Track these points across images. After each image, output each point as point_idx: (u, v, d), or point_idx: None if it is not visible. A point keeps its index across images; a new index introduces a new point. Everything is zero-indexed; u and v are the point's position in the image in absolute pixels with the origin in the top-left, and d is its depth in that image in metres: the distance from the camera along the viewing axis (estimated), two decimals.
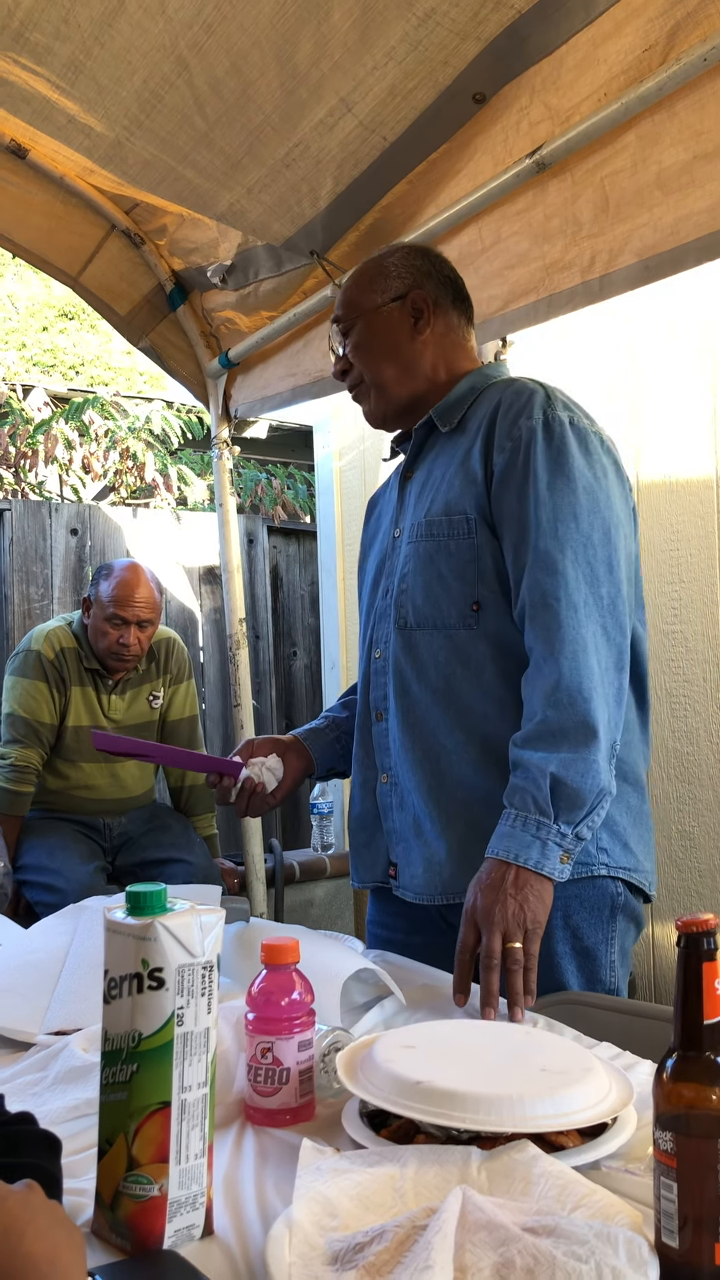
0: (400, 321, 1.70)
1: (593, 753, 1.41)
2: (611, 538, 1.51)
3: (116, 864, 3.22)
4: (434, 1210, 0.80)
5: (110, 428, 5.86)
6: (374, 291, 1.71)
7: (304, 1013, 1.12)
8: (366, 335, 1.71)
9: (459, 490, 1.60)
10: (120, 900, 0.93)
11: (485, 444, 1.58)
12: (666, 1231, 0.78)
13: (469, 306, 1.77)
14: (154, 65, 1.92)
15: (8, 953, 1.58)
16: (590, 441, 1.56)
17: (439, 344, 1.72)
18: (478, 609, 1.57)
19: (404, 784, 1.65)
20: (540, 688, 1.45)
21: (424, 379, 1.71)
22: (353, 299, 1.74)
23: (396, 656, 1.66)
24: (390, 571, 1.72)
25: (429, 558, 1.62)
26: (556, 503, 1.50)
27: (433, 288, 1.71)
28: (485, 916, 1.38)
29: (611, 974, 1.57)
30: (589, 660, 1.44)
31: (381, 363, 1.71)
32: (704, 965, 0.80)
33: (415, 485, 1.72)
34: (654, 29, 1.61)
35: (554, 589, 1.47)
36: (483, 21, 1.72)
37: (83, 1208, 0.90)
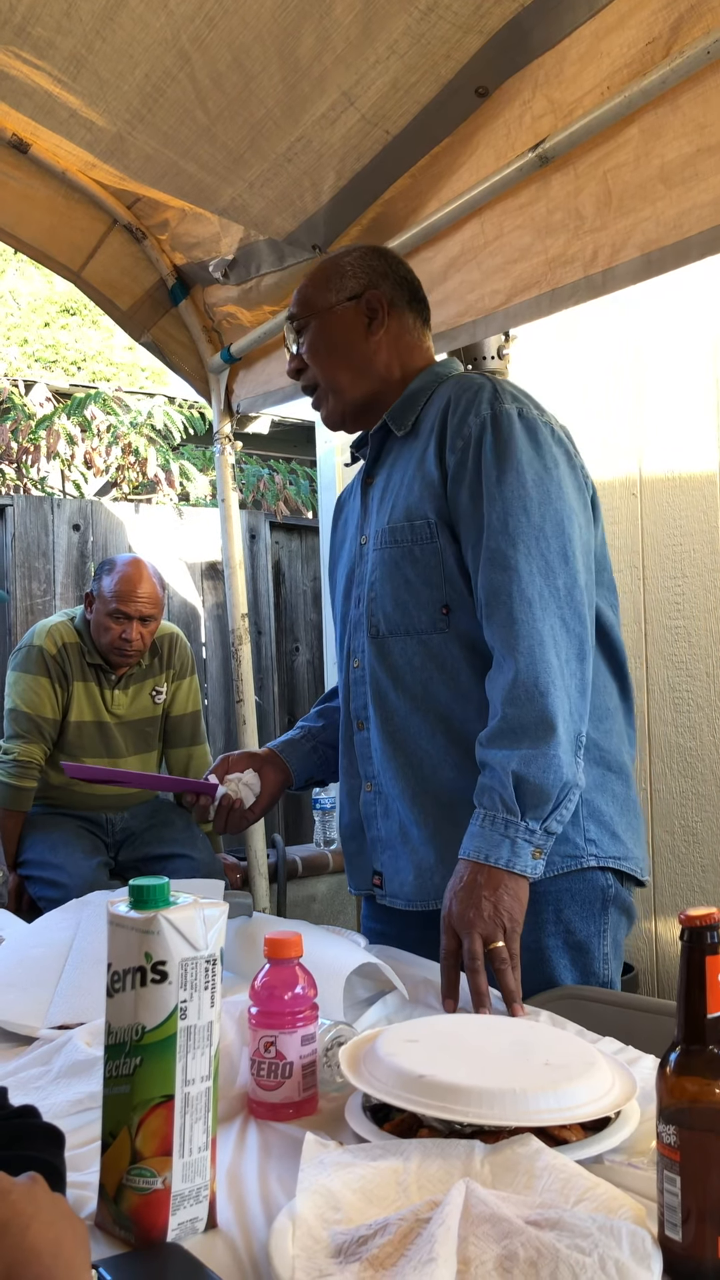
0: (354, 321, 1.70)
1: (553, 747, 1.40)
2: (565, 528, 1.50)
3: (119, 859, 3.23)
4: (437, 1203, 0.81)
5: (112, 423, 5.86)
6: (329, 290, 1.71)
7: (307, 1007, 1.12)
8: (321, 335, 1.71)
9: (418, 494, 1.60)
10: (123, 894, 0.93)
11: (438, 445, 1.59)
12: (670, 1225, 0.78)
13: (425, 308, 1.77)
14: (156, 59, 1.91)
15: (11, 948, 1.58)
16: (539, 432, 1.56)
17: (393, 344, 1.71)
18: (447, 612, 1.57)
19: (388, 792, 1.64)
20: (499, 685, 1.45)
21: (378, 379, 1.71)
22: (308, 297, 1.73)
23: (372, 665, 1.66)
24: (360, 579, 1.71)
25: (395, 564, 1.62)
26: (506, 497, 1.49)
27: (388, 288, 1.71)
28: (462, 920, 1.38)
29: (605, 967, 1.57)
30: (546, 654, 1.43)
31: (335, 363, 1.71)
32: (707, 959, 0.80)
33: (377, 490, 1.72)
34: (657, 22, 1.61)
35: (507, 585, 1.46)
36: (485, 15, 1.71)
37: (86, 1201, 0.90)
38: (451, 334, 2.21)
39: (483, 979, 1.34)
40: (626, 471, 3.15)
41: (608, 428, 3.21)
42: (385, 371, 1.71)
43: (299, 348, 1.74)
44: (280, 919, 1.72)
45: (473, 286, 2.13)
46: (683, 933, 0.82)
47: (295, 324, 1.74)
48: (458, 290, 2.16)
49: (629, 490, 3.14)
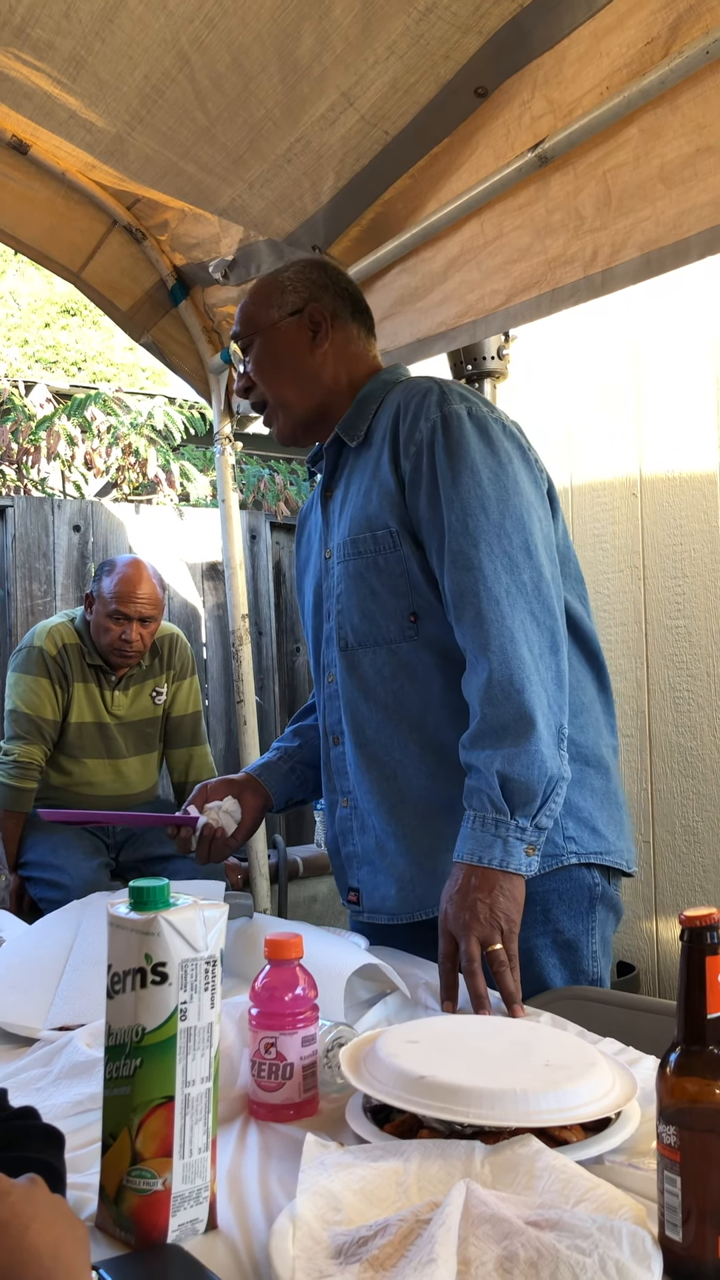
0: (298, 336, 1.69)
1: (534, 743, 1.40)
2: (525, 523, 1.50)
3: (120, 860, 3.23)
4: (437, 1204, 0.81)
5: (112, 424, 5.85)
6: (271, 307, 1.71)
7: (307, 1008, 1.12)
8: (266, 352, 1.71)
9: (377, 504, 1.60)
10: (124, 895, 0.93)
11: (392, 452, 1.59)
12: (670, 1225, 0.78)
13: (369, 318, 1.77)
14: (155, 60, 1.92)
15: (11, 949, 1.58)
16: (490, 429, 1.56)
17: (339, 356, 1.71)
18: (415, 620, 1.58)
19: (363, 806, 1.64)
20: (475, 686, 1.45)
21: (326, 391, 1.71)
22: (250, 316, 1.73)
23: (344, 678, 1.66)
24: (328, 593, 1.71)
25: (360, 575, 1.62)
26: (464, 498, 1.50)
27: (330, 300, 1.71)
28: (458, 923, 1.38)
29: (594, 965, 1.57)
30: (519, 650, 1.43)
31: (282, 379, 1.71)
32: (707, 959, 0.80)
33: (336, 503, 1.72)
34: (656, 22, 1.61)
35: (473, 585, 1.47)
36: (484, 15, 1.71)
37: (87, 1202, 0.90)
38: (452, 334, 2.21)
39: (480, 981, 1.34)
40: (627, 471, 3.15)
41: (608, 427, 3.21)
42: (333, 383, 1.71)
43: (245, 367, 1.73)
44: (281, 920, 1.72)
45: (472, 286, 2.13)
46: (683, 933, 0.82)
47: (240, 343, 1.74)
48: (458, 290, 2.16)
49: (629, 490, 3.14)
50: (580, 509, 3.28)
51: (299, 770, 1.87)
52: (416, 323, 2.31)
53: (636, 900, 3.10)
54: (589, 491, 3.27)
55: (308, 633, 1.82)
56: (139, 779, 3.31)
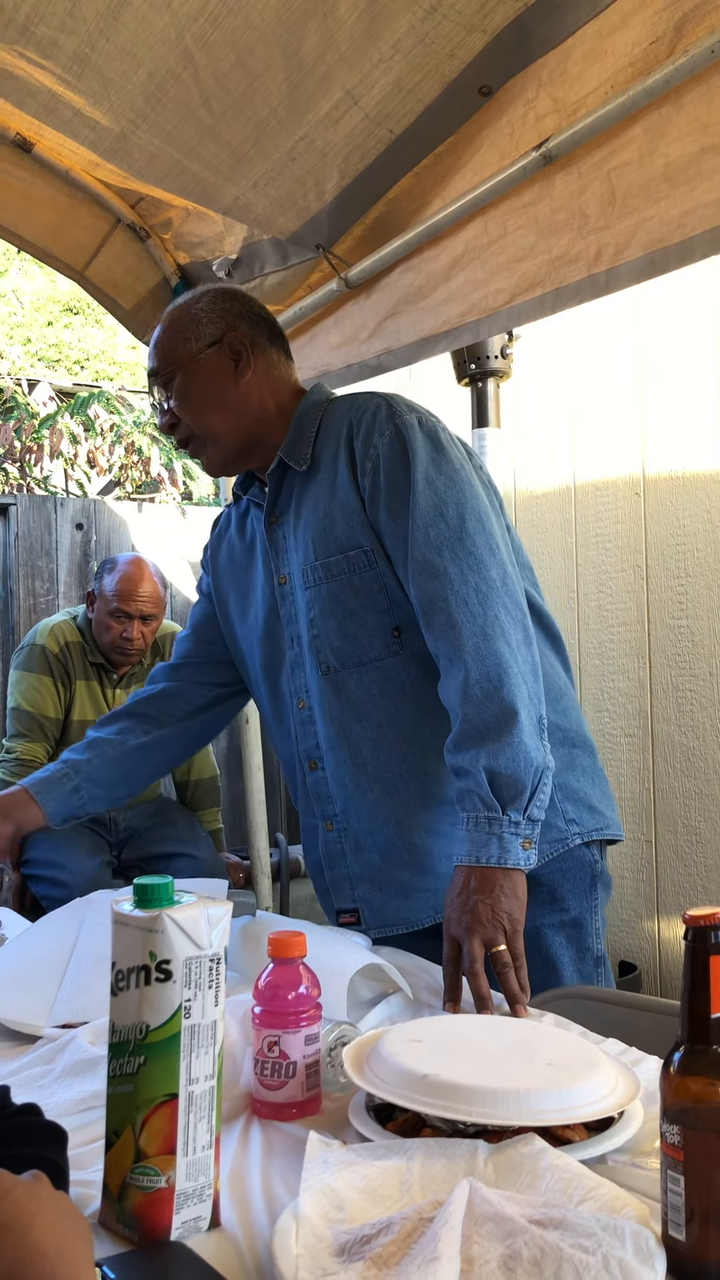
0: (220, 366, 1.68)
1: (517, 735, 1.41)
2: (484, 523, 1.52)
3: (122, 858, 3.23)
4: (441, 1203, 0.81)
5: (115, 422, 5.86)
6: (188, 340, 1.69)
7: (310, 1006, 1.12)
8: (189, 385, 1.68)
9: (344, 525, 1.60)
10: (127, 893, 0.93)
11: (350, 471, 1.59)
12: (673, 1224, 0.78)
13: (284, 342, 1.77)
14: (159, 59, 1.91)
15: (14, 946, 1.58)
16: (439, 436, 1.58)
17: (263, 382, 1.70)
18: (399, 634, 1.59)
19: (357, 827, 1.64)
20: (453, 689, 1.46)
21: (254, 418, 1.70)
22: (166, 350, 1.70)
23: (327, 702, 1.65)
24: (290, 619, 1.70)
25: (335, 598, 1.61)
26: (422, 506, 1.51)
27: (247, 328, 1.70)
28: (460, 925, 1.38)
29: (597, 941, 1.62)
30: (494, 646, 1.44)
31: (208, 412, 1.68)
32: (711, 958, 0.80)
33: (287, 529, 1.70)
34: (661, 21, 1.61)
35: (441, 591, 1.48)
36: (489, 14, 1.71)
37: (90, 1199, 0.91)
38: (455, 333, 2.21)
39: (484, 983, 1.34)
40: (630, 471, 3.15)
41: (611, 426, 3.21)
42: (260, 410, 1.70)
43: (168, 404, 1.70)
44: (284, 918, 1.72)
45: (476, 285, 2.13)
46: (686, 932, 0.82)
47: (160, 379, 1.71)
48: (461, 289, 2.16)
49: (633, 490, 3.14)
50: (584, 508, 3.28)
51: (85, 789, 1.85)
52: (420, 321, 2.30)
53: (639, 900, 3.10)
54: (592, 491, 3.27)
55: (252, 661, 1.79)
56: None
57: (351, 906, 1.67)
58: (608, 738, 3.15)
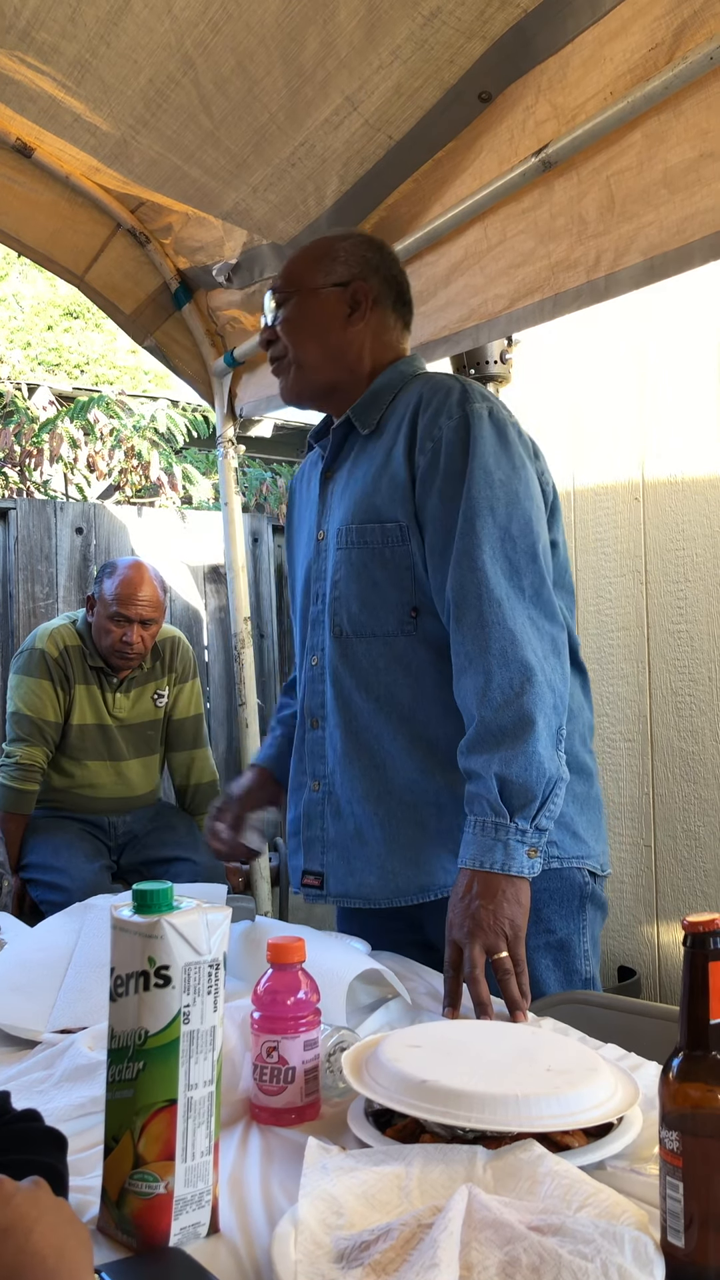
0: (335, 307, 1.68)
1: (532, 744, 1.40)
2: (532, 528, 1.51)
3: (121, 863, 3.23)
4: (440, 1209, 0.80)
5: (115, 426, 5.86)
6: (317, 271, 1.69)
7: (309, 1012, 1.12)
8: (299, 312, 1.69)
9: (386, 496, 1.59)
10: (127, 898, 0.93)
11: (407, 445, 1.58)
12: (672, 1231, 0.78)
13: (409, 311, 1.77)
14: (160, 64, 1.92)
15: (14, 951, 1.58)
16: (508, 433, 1.56)
17: (370, 339, 1.70)
18: (416, 615, 1.58)
19: (341, 793, 1.64)
20: (472, 690, 1.45)
21: (346, 369, 1.70)
22: (294, 272, 1.72)
23: (334, 665, 1.65)
24: (319, 576, 1.70)
25: (362, 566, 1.61)
26: (474, 498, 1.50)
27: (377, 283, 1.70)
28: (462, 931, 1.37)
29: (586, 964, 1.58)
30: (521, 653, 1.43)
31: (307, 342, 1.69)
32: (710, 964, 0.80)
33: (337, 486, 1.71)
34: (660, 28, 1.61)
35: (475, 586, 1.46)
36: (488, 20, 1.71)
37: (89, 1205, 0.90)
38: (455, 338, 2.22)
39: (484, 989, 1.34)
40: (629, 475, 3.15)
41: (610, 431, 3.21)
42: (355, 363, 1.70)
43: (274, 319, 1.72)
44: (283, 923, 1.72)
45: (476, 291, 2.13)
46: (685, 938, 0.82)
47: (276, 296, 1.72)
48: (461, 295, 2.17)
49: (632, 494, 3.14)
50: (583, 513, 3.28)
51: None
52: (420, 327, 2.30)
53: (638, 905, 3.10)
54: (591, 496, 3.27)
55: (295, 608, 1.80)
56: (140, 781, 3.31)
57: (318, 870, 1.66)
58: (607, 742, 3.15)
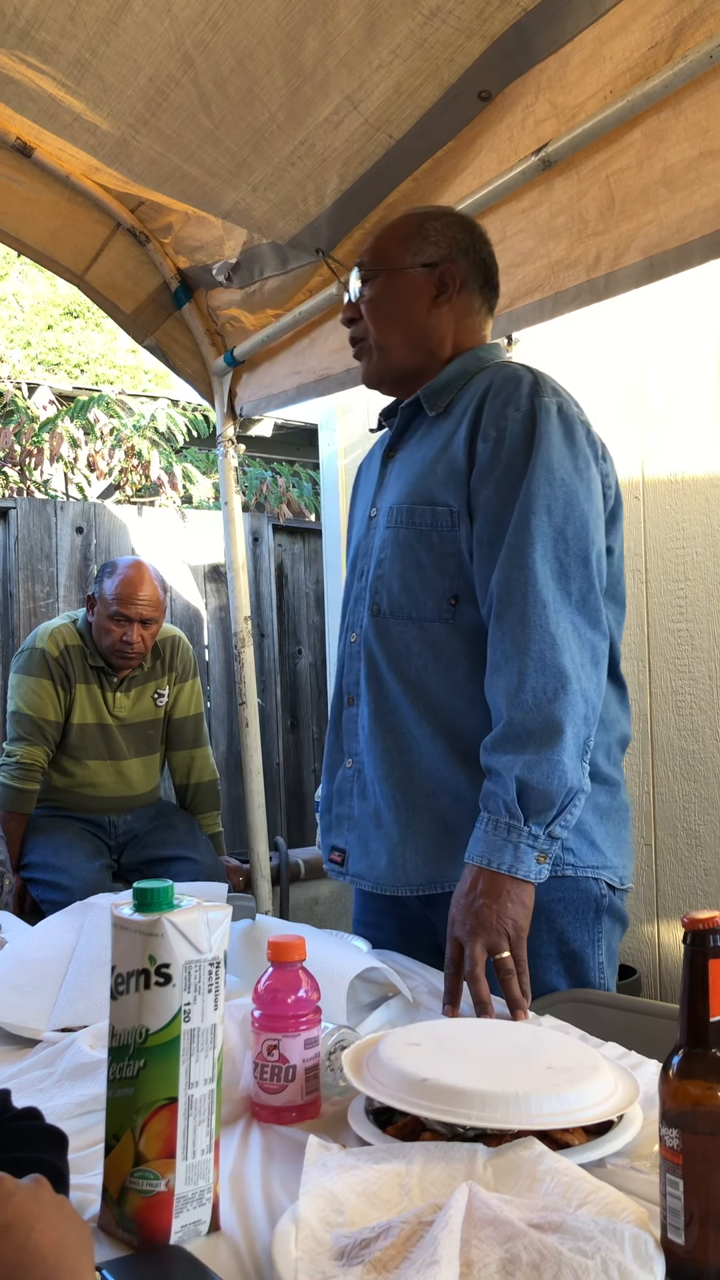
0: (422, 289, 1.64)
1: (557, 753, 1.38)
2: (587, 531, 1.48)
3: (122, 862, 3.23)
4: (440, 1206, 0.81)
5: (115, 426, 5.86)
6: (406, 250, 1.65)
7: (310, 1010, 1.12)
8: (384, 292, 1.66)
9: (441, 479, 1.56)
10: (127, 897, 0.93)
11: (470, 431, 1.54)
12: (672, 1228, 0.78)
13: (495, 295, 1.73)
14: (160, 63, 1.92)
15: (14, 950, 1.58)
16: (575, 431, 1.52)
17: (454, 323, 1.67)
18: (455, 603, 1.55)
19: (368, 773, 1.63)
20: (504, 688, 1.43)
21: (428, 353, 1.66)
22: (382, 249, 1.68)
23: (370, 643, 1.63)
24: (366, 553, 1.68)
25: (408, 546, 1.58)
26: (532, 495, 1.46)
27: (466, 266, 1.66)
28: (464, 928, 1.37)
29: (600, 976, 1.55)
30: (559, 659, 1.41)
31: (390, 325, 1.66)
32: (710, 962, 0.80)
33: (397, 465, 1.68)
34: (660, 26, 1.61)
35: (521, 584, 1.44)
36: (488, 19, 1.71)
37: (90, 1203, 0.91)
38: None
39: (484, 988, 1.34)
40: (629, 474, 3.15)
41: (610, 430, 3.21)
42: (437, 347, 1.66)
43: (357, 297, 1.68)
44: (283, 922, 1.72)
45: None
46: (685, 936, 0.82)
47: (362, 272, 1.68)
48: None
49: (631, 493, 3.14)
50: None
51: None
52: None
53: (638, 904, 3.10)
54: None
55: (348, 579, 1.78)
56: (141, 781, 3.31)
57: (343, 847, 1.66)
58: None
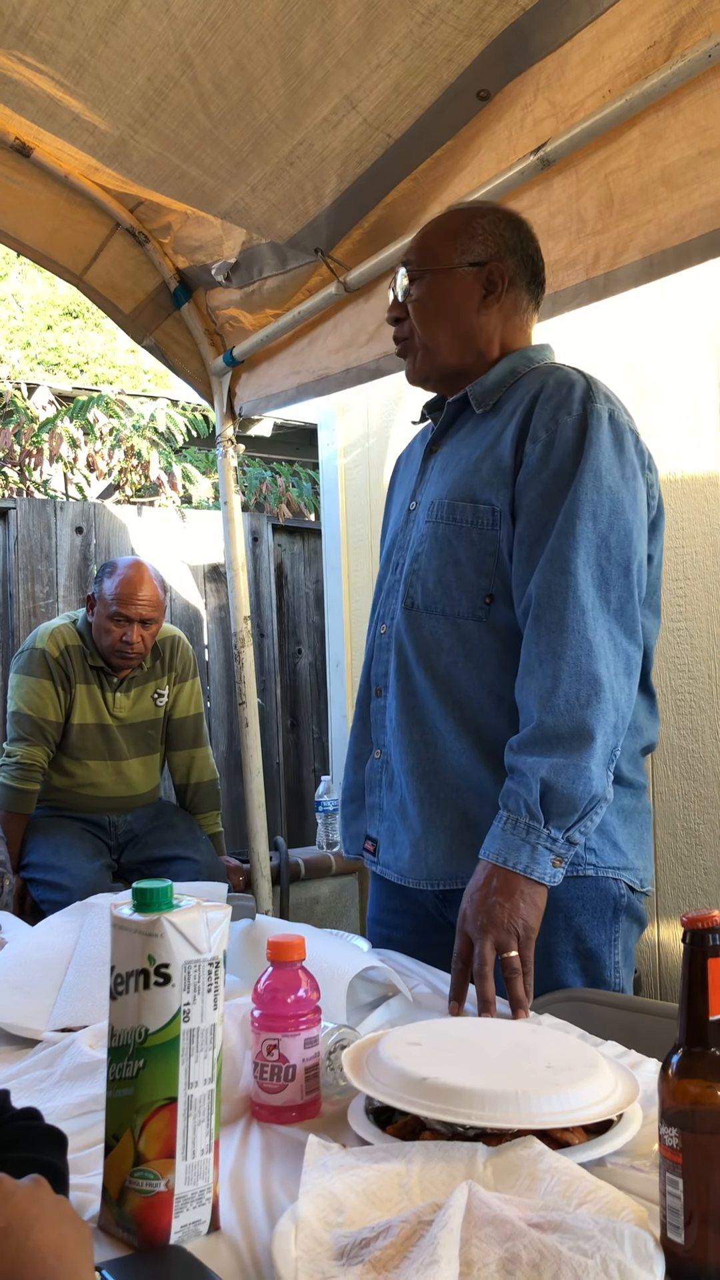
0: (470, 288, 1.63)
1: (586, 759, 1.39)
2: (631, 541, 1.47)
3: (122, 862, 3.23)
4: (440, 1205, 0.81)
5: (115, 426, 5.86)
6: (454, 249, 1.64)
7: (310, 1010, 1.12)
8: (431, 292, 1.65)
9: (485, 478, 1.56)
10: (126, 897, 0.93)
11: (519, 431, 1.54)
12: (672, 1227, 0.78)
13: (541, 291, 1.72)
14: (158, 63, 1.92)
15: (14, 950, 1.58)
16: (625, 439, 1.52)
17: (502, 322, 1.66)
18: (490, 602, 1.55)
19: (395, 765, 1.63)
20: (536, 691, 1.42)
21: (476, 353, 1.65)
22: (428, 248, 1.66)
23: (401, 636, 1.63)
24: (403, 545, 1.68)
25: (447, 542, 1.58)
26: (578, 499, 1.46)
27: (514, 264, 1.64)
28: (475, 925, 1.37)
29: (615, 975, 1.55)
30: (594, 666, 1.41)
31: (438, 325, 1.65)
32: (709, 961, 0.80)
33: (439, 460, 1.68)
34: (658, 25, 1.61)
35: (562, 589, 1.44)
36: (487, 18, 1.71)
37: (90, 1203, 0.91)
38: None
39: (489, 986, 1.34)
40: None
41: None
42: (485, 346, 1.65)
43: (404, 295, 1.67)
44: (283, 921, 1.72)
45: None
46: (685, 935, 0.82)
47: (408, 271, 1.67)
48: None
49: None
50: None
51: None
52: None
53: None
54: None
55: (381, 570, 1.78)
56: (141, 781, 3.31)
57: (375, 837, 1.67)
58: None
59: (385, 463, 3.75)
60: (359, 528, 3.93)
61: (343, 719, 4.05)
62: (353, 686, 4.02)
